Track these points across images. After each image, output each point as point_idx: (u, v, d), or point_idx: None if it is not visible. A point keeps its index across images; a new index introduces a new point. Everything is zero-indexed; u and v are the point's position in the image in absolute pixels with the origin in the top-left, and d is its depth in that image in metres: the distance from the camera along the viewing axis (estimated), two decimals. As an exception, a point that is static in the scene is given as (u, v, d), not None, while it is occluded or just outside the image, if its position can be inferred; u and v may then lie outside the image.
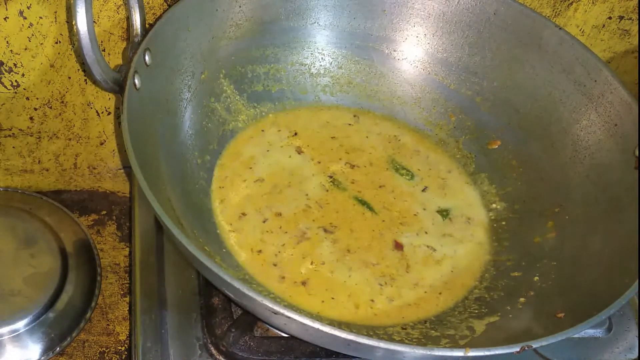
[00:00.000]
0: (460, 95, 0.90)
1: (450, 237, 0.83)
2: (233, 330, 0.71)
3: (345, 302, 0.74)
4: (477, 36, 0.88)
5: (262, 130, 0.88)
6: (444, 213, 0.85)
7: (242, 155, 0.85)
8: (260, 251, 0.77)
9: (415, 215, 0.84)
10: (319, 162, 0.87)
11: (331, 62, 0.91)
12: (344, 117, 0.92)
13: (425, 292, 0.77)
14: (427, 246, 0.81)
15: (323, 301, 0.74)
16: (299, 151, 0.87)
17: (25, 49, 0.79)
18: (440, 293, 0.78)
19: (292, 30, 0.88)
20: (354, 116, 0.92)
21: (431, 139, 0.92)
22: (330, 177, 0.85)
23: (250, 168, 0.84)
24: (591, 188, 0.79)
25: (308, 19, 0.88)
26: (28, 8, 0.75)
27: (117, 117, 0.89)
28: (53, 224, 0.88)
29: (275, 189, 0.83)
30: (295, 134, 0.89)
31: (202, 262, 0.58)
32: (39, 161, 0.92)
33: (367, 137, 0.91)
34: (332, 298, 0.74)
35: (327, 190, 0.84)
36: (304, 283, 0.75)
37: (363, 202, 0.84)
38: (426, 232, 0.83)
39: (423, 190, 0.87)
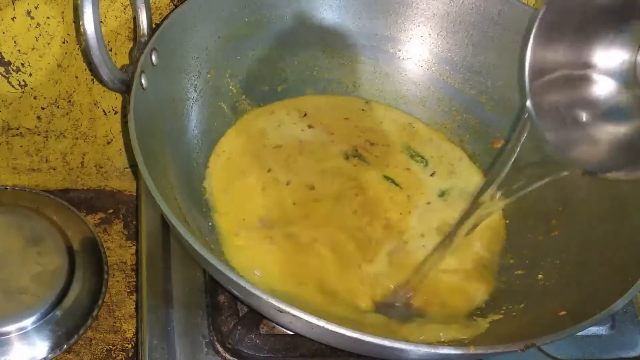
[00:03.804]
0: (464, 94, 0.91)
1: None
2: (239, 328, 0.71)
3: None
4: (481, 36, 0.88)
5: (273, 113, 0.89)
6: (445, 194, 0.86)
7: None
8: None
9: (428, 204, 0.84)
10: (332, 141, 0.87)
11: (336, 62, 0.91)
12: (356, 102, 0.93)
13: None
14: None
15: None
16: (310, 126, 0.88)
17: (33, 48, 0.79)
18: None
19: (297, 30, 0.88)
20: (366, 102, 0.93)
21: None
22: (355, 151, 0.86)
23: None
24: (594, 186, 0.79)
25: (313, 18, 0.89)
26: (35, 8, 0.76)
27: (124, 117, 0.90)
28: (60, 223, 0.89)
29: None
30: (305, 114, 0.89)
31: (208, 261, 0.59)
32: (47, 160, 0.92)
33: (381, 122, 0.91)
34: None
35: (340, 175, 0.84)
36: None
37: (388, 178, 0.84)
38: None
39: (431, 175, 0.87)
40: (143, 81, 0.70)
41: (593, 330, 0.80)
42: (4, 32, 0.77)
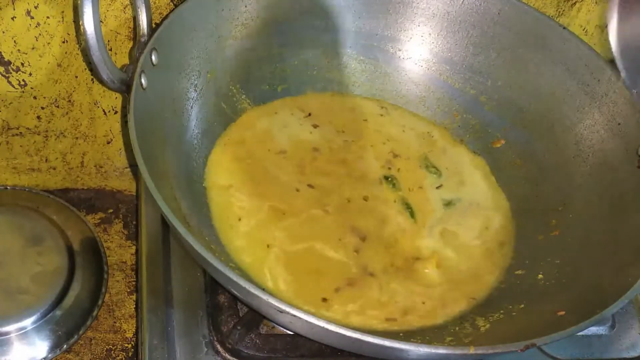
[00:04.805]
0: (464, 94, 0.91)
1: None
2: (239, 328, 0.71)
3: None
4: (481, 36, 0.88)
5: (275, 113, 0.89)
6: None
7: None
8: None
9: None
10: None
11: (336, 62, 0.91)
12: (369, 105, 0.92)
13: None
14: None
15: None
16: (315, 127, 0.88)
17: (33, 48, 0.79)
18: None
19: (298, 29, 0.88)
20: (382, 107, 0.92)
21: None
22: (388, 169, 0.86)
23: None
24: (594, 186, 0.79)
25: (313, 18, 0.88)
26: (35, 8, 0.76)
27: (124, 116, 0.90)
28: (60, 223, 0.89)
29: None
30: (310, 114, 0.89)
31: (208, 261, 0.59)
32: (46, 160, 0.92)
33: (403, 130, 0.91)
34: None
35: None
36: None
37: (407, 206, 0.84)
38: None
39: (437, 188, 0.87)
40: (143, 81, 0.70)
41: (593, 330, 0.80)
42: (3, 32, 0.77)
